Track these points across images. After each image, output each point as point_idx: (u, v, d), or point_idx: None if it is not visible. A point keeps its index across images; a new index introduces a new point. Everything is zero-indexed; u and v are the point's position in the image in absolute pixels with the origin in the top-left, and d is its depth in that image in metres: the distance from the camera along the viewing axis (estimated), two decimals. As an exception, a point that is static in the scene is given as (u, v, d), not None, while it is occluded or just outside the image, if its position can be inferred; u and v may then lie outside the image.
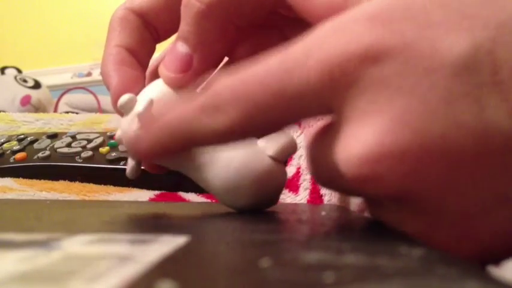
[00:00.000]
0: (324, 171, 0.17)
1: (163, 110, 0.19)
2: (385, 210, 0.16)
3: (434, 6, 0.14)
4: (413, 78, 0.13)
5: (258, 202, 0.22)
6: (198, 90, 0.17)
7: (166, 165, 0.23)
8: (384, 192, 0.14)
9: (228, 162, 0.21)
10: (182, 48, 0.22)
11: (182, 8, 0.21)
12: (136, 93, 0.22)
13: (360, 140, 0.14)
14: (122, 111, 0.22)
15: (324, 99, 0.15)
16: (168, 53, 0.22)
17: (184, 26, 0.21)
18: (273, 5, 0.22)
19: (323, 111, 0.15)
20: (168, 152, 0.19)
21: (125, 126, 0.22)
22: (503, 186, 0.14)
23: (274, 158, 0.22)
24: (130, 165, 0.24)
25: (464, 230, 0.14)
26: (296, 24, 0.24)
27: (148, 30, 0.24)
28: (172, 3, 0.23)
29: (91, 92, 1.13)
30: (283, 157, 0.23)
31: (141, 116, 0.21)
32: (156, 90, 0.22)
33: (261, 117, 0.16)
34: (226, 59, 0.25)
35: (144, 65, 0.24)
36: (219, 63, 0.24)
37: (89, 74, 1.70)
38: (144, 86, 0.23)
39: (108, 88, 0.23)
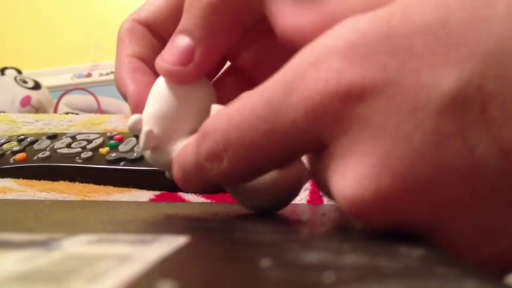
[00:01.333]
0: (323, 187, 0.17)
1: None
2: None
3: (416, 33, 0.13)
4: (398, 117, 0.12)
5: (279, 201, 0.22)
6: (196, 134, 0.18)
7: None
8: (373, 226, 0.14)
9: None
10: (183, 41, 0.21)
11: (188, 1, 0.21)
12: None
13: (345, 180, 0.14)
14: (133, 133, 0.23)
15: (313, 134, 0.14)
16: (167, 47, 0.21)
17: (190, 19, 0.21)
18: None
19: (316, 146, 0.15)
20: (202, 189, 0.19)
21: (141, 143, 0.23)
22: (491, 221, 0.13)
23: None
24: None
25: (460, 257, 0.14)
26: None
27: (156, 39, 0.24)
28: (178, 12, 0.23)
29: (91, 93, 1.13)
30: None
31: (144, 149, 0.22)
32: (157, 103, 0.22)
33: (257, 158, 0.16)
34: (228, 63, 0.25)
35: (156, 72, 0.24)
36: (218, 60, 0.23)
37: (89, 75, 1.70)
38: None
39: (124, 97, 0.23)
